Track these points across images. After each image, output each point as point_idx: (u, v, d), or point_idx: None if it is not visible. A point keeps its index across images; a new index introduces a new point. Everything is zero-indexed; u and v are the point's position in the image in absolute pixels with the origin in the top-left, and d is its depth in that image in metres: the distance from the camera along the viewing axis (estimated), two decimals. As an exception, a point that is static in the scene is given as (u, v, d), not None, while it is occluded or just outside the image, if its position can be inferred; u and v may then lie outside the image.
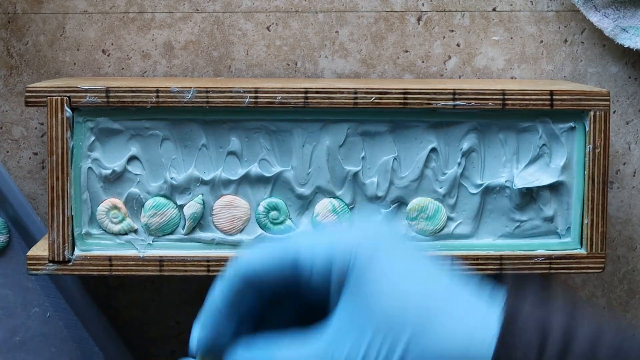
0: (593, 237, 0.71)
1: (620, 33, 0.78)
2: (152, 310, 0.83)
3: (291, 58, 0.80)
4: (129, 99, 0.69)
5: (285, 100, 0.69)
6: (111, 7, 0.79)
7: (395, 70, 0.81)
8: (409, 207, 0.71)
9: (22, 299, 0.79)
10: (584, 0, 0.78)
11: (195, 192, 0.70)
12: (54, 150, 0.69)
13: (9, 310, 0.78)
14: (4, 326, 0.78)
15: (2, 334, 0.78)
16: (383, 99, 0.69)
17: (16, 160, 0.81)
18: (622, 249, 0.83)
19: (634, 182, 0.82)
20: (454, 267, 0.52)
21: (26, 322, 0.79)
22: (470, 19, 0.80)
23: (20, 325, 0.79)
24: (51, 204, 0.69)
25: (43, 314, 0.79)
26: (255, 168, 0.70)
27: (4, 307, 0.78)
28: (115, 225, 0.70)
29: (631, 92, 0.81)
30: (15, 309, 0.78)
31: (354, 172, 0.70)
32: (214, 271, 0.70)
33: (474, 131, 0.71)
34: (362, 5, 0.80)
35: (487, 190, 0.71)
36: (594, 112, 0.70)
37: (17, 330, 0.78)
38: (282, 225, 0.71)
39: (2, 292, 0.78)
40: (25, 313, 0.78)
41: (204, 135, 0.70)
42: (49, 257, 0.69)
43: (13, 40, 0.80)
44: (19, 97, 0.80)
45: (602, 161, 0.70)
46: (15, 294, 0.78)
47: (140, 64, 0.80)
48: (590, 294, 0.84)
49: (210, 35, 0.80)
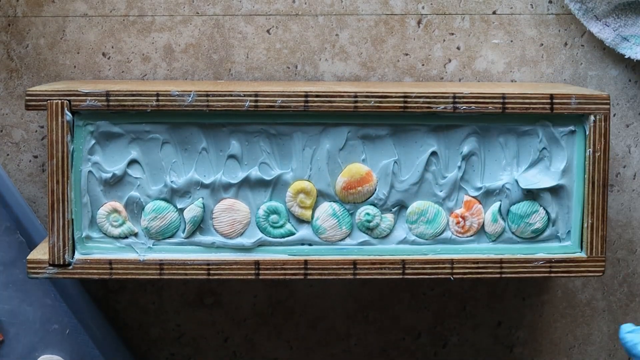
0: (593, 241, 0.71)
1: (621, 42, 0.78)
2: (152, 313, 0.83)
3: (291, 61, 0.80)
4: (129, 103, 0.69)
5: (285, 103, 0.69)
6: (111, 10, 0.79)
7: (395, 74, 0.81)
8: (408, 210, 0.71)
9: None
10: (584, 11, 0.78)
11: (195, 196, 0.70)
12: (54, 154, 0.69)
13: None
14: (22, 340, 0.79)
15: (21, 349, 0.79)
16: (383, 102, 0.69)
17: (16, 163, 0.81)
18: (622, 252, 0.83)
19: (634, 185, 0.82)
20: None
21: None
22: (470, 22, 0.80)
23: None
24: (51, 207, 0.69)
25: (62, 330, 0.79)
26: (256, 172, 0.70)
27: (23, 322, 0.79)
28: (116, 229, 0.70)
29: (631, 95, 0.81)
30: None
31: (354, 176, 0.71)
32: (214, 274, 0.70)
33: (474, 135, 0.71)
34: (362, 9, 0.80)
35: (487, 193, 0.71)
36: (594, 115, 0.70)
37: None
38: (282, 228, 0.71)
39: (21, 309, 0.79)
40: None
41: (204, 138, 0.70)
42: (49, 261, 0.69)
43: (13, 43, 0.80)
44: (19, 100, 0.80)
45: (602, 164, 0.70)
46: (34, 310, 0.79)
47: (140, 67, 0.80)
48: (591, 297, 0.84)
49: (210, 39, 0.80)
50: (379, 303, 0.83)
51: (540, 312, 0.84)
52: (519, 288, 0.83)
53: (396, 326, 0.84)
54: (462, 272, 0.71)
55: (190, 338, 0.83)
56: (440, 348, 0.84)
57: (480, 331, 0.84)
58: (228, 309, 0.83)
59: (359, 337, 0.84)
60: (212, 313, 0.83)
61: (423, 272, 0.71)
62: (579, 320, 0.84)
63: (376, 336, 0.84)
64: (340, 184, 0.70)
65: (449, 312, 0.84)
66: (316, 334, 0.84)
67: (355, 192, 0.70)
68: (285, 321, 0.83)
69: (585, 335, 0.84)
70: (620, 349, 0.84)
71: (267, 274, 0.70)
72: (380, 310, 0.84)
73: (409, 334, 0.84)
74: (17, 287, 0.79)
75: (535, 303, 0.84)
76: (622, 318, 0.84)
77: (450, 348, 0.84)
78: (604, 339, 0.84)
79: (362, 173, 0.70)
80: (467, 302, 0.84)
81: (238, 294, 0.83)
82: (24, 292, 0.79)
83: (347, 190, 0.70)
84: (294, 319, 0.83)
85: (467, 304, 0.84)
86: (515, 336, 0.84)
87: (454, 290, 0.83)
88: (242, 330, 0.83)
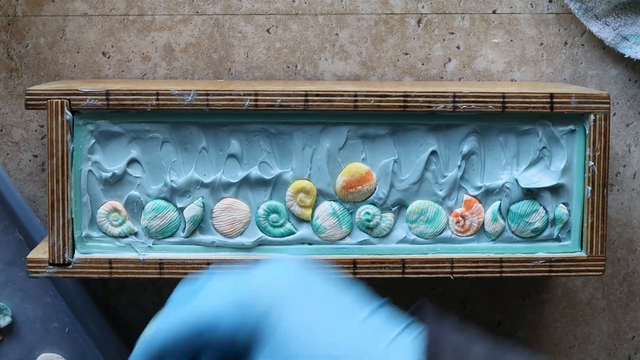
0: (593, 240, 0.71)
1: (621, 42, 0.78)
2: (152, 313, 0.83)
3: (291, 60, 0.80)
4: (129, 102, 0.69)
5: (285, 103, 0.69)
6: (111, 9, 0.79)
7: (395, 73, 0.81)
8: (408, 209, 0.71)
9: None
10: (584, 10, 0.78)
11: (195, 195, 0.70)
12: (54, 153, 0.69)
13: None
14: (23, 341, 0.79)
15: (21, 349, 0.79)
16: (383, 101, 0.69)
17: (16, 162, 0.81)
18: (622, 251, 0.83)
19: (634, 185, 0.82)
20: (368, 291, 0.51)
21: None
22: (470, 22, 0.80)
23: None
24: (51, 206, 0.69)
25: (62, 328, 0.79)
26: (255, 171, 0.70)
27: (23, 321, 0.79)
28: (116, 228, 0.70)
29: (631, 95, 0.81)
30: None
31: (354, 175, 0.71)
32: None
33: (474, 134, 0.71)
34: (362, 8, 0.80)
35: (487, 192, 0.71)
36: (594, 114, 0.70)
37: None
38: (282, 228, 0.71)
39: (21, 307, 0.79)
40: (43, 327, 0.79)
41: (204, 138, 0.70)
42: (49, 260, 0.69)
43: (13, 42, 0.80)
44: (19, 99, 0.80)
45: (602, 164, 0.70)
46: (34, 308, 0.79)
47: (140, 66, 0.80)
48: (590, 297, 0.84)
49: (210, 38, 0.80)
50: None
51: (540, 312, 0.84)
52: (519, 288, 0.83)
53: (396, 325, 0.84)
54: (462, 272, 0.71)
55: None
56: (440, 347, 0.84)
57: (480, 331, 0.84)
58: (228, 308, 0.83)
59: (359, 337, 0.84)
60: (212, 312, 0.83)
61: (423, 272, 0.71)
62: (579, 320, 0.84)
63: (376, 335, 0.84)
64: (340, 183, 0.70)
65: (449, 312, 0.84)
66: (316, 334, 0.84)
67: (355, 191, 0.70)
68: (285, 320, 0.83)
69: (585, 334, 0.84)
70: (620, 349, 0.84)
71: (267, 273, 0.70)
72: (380, 310, 0.84)
73: (409, 334, 0.84)
74: (17, 286, 0.79)
75: (535, 303, 0.84)
76: (622, 317, 0.84)
77: (450, 347, 0.84)
78: (604, 338, 0.84)
79: (362, 172, 0.70)
80: (467, 302, 0.84)
81: (238, 293, 0.83)
82: (23, 290, 0.79)
83: (347, 189, 0.70)
84: (294, 319, 0.83)
85: (467, 303, 0.84)
86: (515, 336, 0.84)
87: (454, 289, 0.83)
88: (242, 329, 0.83)
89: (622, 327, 0.84)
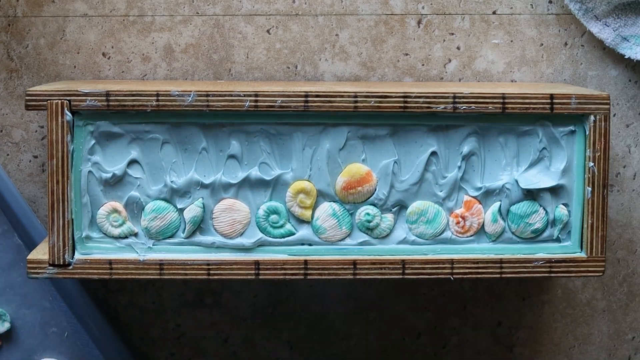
0: (593, 240, 0.71)
1: (621, 42, 0.78)
2: (152, 313, 0.83)
3: (291, 61, 0.80)
4: (129, 103, 0.69)
5: (285, 103, 0.69)
6: (111, 10, 0.79)
7: (395, 74, 0.81)
8: (408, 210, 0.71)
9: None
10: (584, 11, 0.78)
11: (195, 196, 0.70)
12: (54, 154, 0.69)
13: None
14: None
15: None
16: (383, 102, 0.69)
17: (16, 163, 0.81)
18: (622, 252, 0.83)
19: (634, 185, 0.82)
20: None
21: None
22: (470, 22, 0.80)
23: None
24: (51, 207, 0.69)
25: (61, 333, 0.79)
26: (256, 171, 0.70)
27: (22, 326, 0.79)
28: (116, 229, 0.70)
29: (631, 95, 0.81)
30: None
31: (354, 176, 0.71)
32: (214, 274, 0.70)
33: (474, 135, 0.71)
34: (362, 9, 0.80)
35: (487, 193, 0.71)
36: (594, 115, 0.70)
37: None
38: (282, 228, 0.71)
39: (20, 312, 0.79)
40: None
41: (204, 138, 0.70)
42: (49, 261, 0.69)
43: (13, 43, 0.80)
44: (19, 100, 0.80)
45: (602, 164, 0.70)
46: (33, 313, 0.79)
47: (140, 67, 0.80)
48: (591, 297, 0.84)
49: (210, 39, 0.80)
50: (379, 303, 0.83)
51: (540, 312, 0.84)
52: (519, 288, 0.83)
53: (396, 326, 0.84)
54: (462, 272, 0.71)
55: (190, 338, 0.83)
56: (440, 348, 0.84)
57: (480, 331, 0.84)
58: (228, 309, 0.83)
59: (359, 337, 0.84)
60: (212, 313, 0.83)
61: (423, 272, 0.71)
62: (579, 320, 0.84)
63: (376, 336, 0.84)
64: (340, 184, 0.70)
65: (449, 312, 0.84)
66: (316, 334, 0.84)
67: (355, 192, 0.70)
68: (285, 321, 0.83)
69: (585, 335, 0.84)
70: (620, 349, 0.84)
71: (267, 274, 0.70)
72: (380, 310, 0.84)
73: (408, 334, 0.84)
74: (15, 291, 0.79)
75: (535, 303, 0.84)
76: (622, 318, 0.84)
77: (450, 348, 0.84)
78: (604, 338, 0.84)
79: (362, 173, 0.70)
80: (467, 302, 0.84)
81: (238, 294, 0.83)
82: (21, 295, 0.79)
83: (347, 190, 0.70)
84: (294, 319, 0.83)
85: (467, 304, 0.84)
86: (515, 336, 0.84)
87: (454, 290, 0.83)
88: (242, 330, 0.83)
89: (622, 327, 0.84)
